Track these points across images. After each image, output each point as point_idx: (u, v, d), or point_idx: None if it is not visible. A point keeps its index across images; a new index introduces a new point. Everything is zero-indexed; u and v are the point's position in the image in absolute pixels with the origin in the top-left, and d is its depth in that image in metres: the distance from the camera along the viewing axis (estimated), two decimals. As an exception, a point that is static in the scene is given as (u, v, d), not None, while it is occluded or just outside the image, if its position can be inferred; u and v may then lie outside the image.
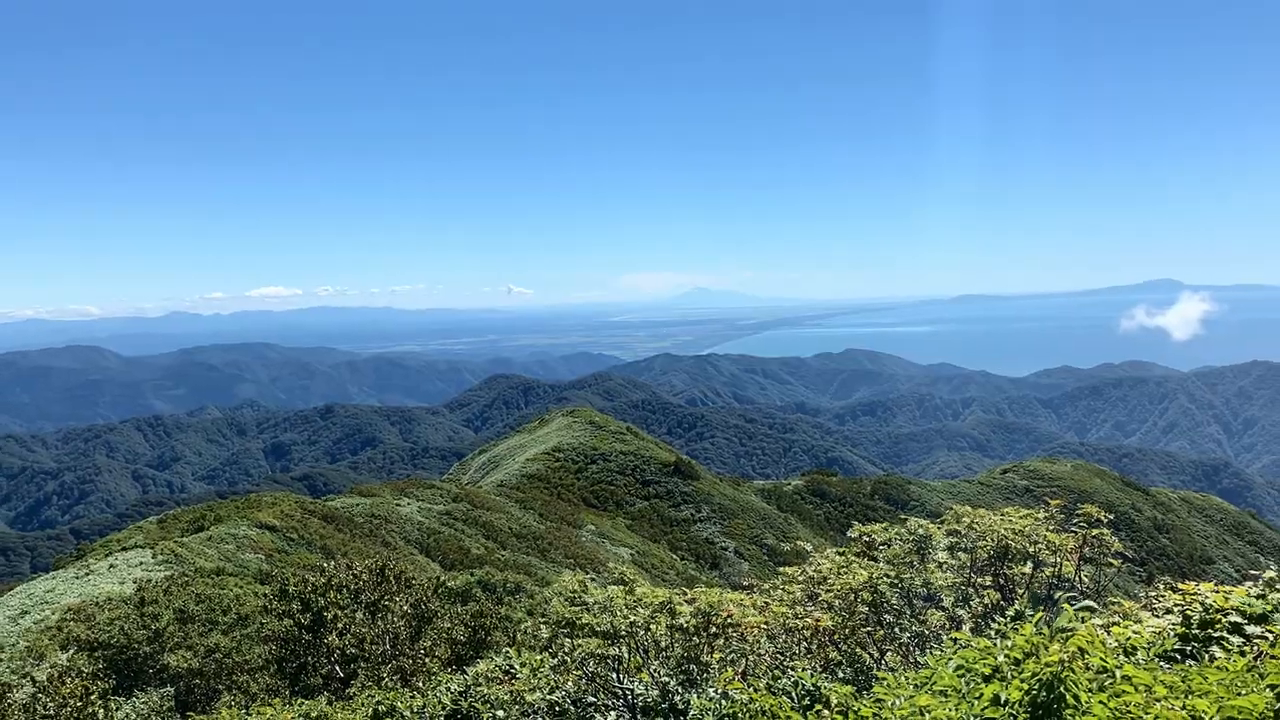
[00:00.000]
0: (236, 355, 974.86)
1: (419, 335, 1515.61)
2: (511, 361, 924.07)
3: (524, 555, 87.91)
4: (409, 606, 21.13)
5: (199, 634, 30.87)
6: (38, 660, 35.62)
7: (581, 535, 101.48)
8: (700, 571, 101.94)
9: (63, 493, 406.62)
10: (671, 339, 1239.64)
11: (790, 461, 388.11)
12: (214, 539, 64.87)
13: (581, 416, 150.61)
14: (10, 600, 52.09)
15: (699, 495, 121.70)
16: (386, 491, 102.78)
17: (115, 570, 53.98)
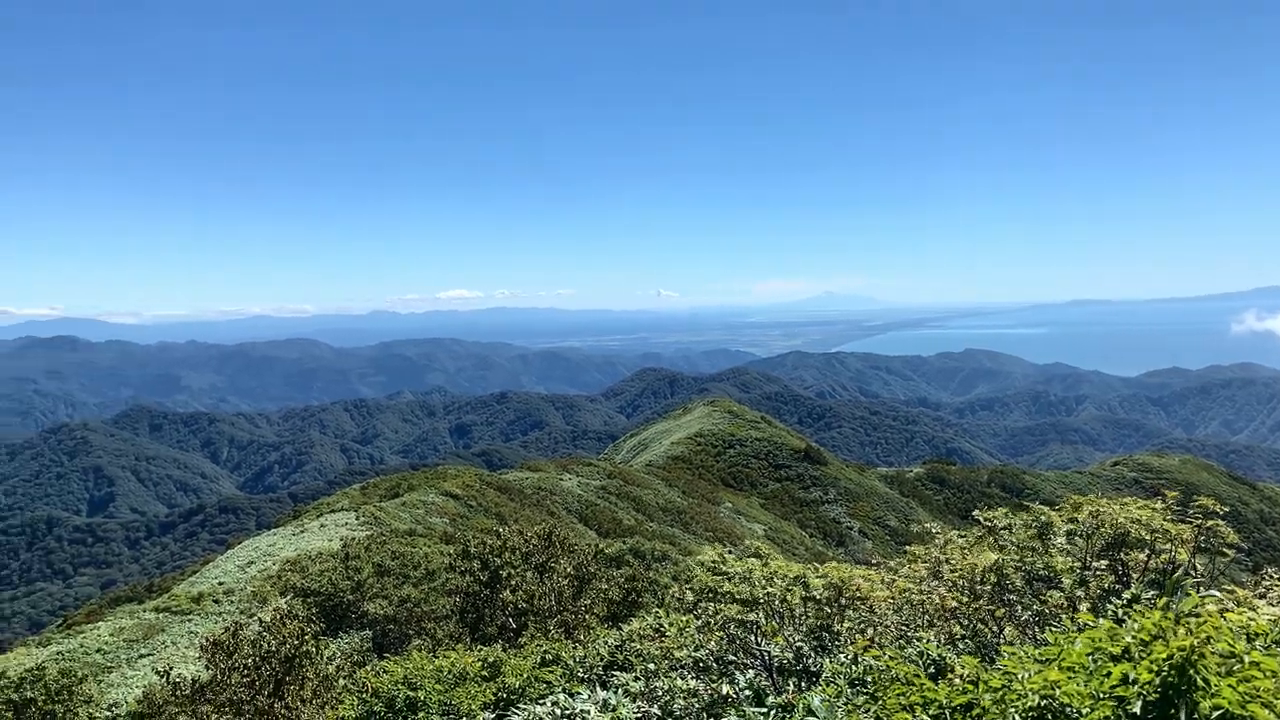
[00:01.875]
0: (427, 348, 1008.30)
1: (579, 333, 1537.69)
2: (660, 356, 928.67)
3: (669, 527, 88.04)
4: (571, 568, 21.31)
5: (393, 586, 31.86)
6: (261, 603, 37.47)
7: (720, 512, 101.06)
8: (827, 548, 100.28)
9: (283, 462, 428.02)
10: (802, 338, 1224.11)
11: (912, 451, 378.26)
12: (407, 504, 66.89)
13: (721, 406, 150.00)
14: (240, 552, 54.96)
15: (827, 479, 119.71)
16: (551, 468, 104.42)
17: (325, 529, 56.18)
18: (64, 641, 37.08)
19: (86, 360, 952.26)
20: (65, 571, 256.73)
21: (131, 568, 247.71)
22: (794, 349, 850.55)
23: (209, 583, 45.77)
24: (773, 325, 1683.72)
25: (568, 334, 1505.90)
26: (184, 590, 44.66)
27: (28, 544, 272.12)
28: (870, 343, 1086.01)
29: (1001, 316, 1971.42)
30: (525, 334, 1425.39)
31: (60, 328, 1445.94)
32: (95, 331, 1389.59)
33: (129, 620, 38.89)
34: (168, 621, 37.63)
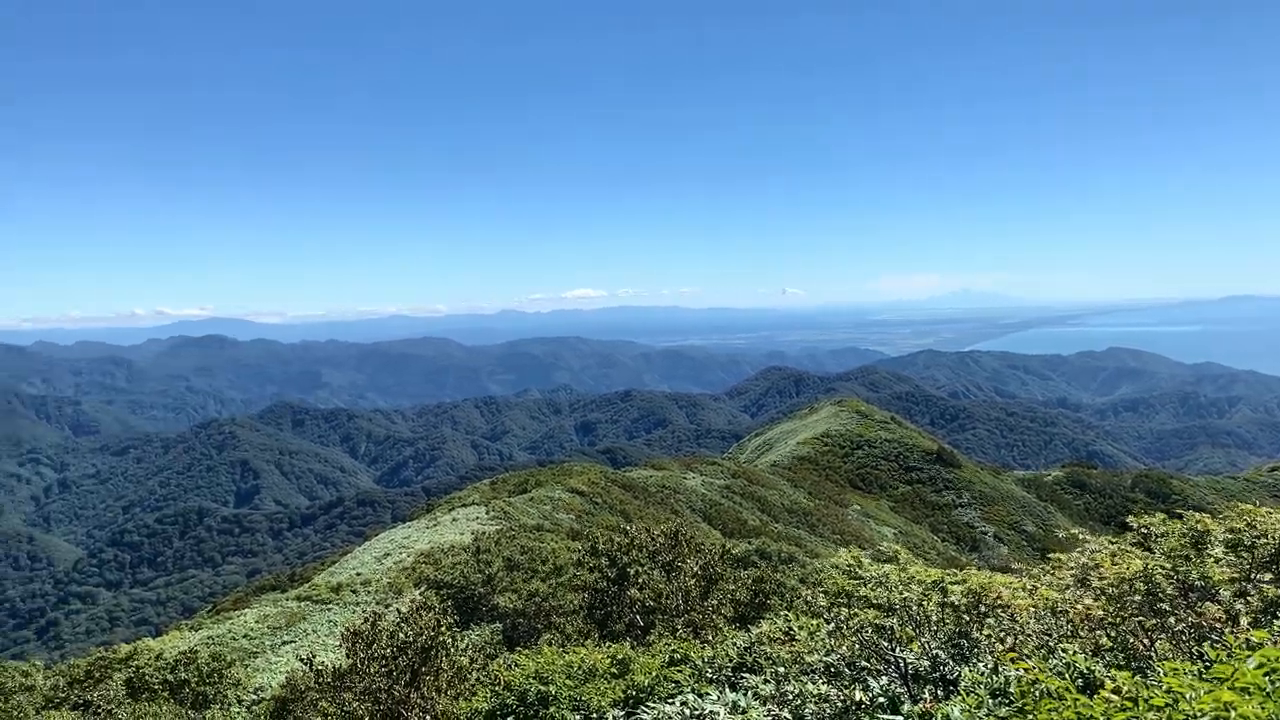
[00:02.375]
0: (554, 347, 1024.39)
1: (702, 331, 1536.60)
2: (784, 355, 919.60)
3: (794, 529, 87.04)
4: (698, 568, 21.23)
5: (522, 580, 32.41)
6: (396, 594, 38.68)
7: (847, 514, 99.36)
8: (960, 553, 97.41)
9: (417, 457, 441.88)
10: (933, 336, 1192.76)
11: (1050, 454, 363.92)
12: (534, 500, 67.98)
13: (848, 406, 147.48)
14: (376, 544, 56.87)
15: (960, 482, 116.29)
16: (675, 466, 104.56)
17: (457, 523, 57.58)
18: (214, 627, 39.07)
19: (234, 358, 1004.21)
20: (214, 560, 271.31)
21: (275, 557, 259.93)
22: (925, 348, 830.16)
23: (347, 573, 47.53)
24: (901, 323, 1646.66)
25: (690, 332, 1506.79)
26: (324, 580, 46.51)
27: (180, 533, 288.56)
28: (1006, 341, 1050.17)
29: (1147, 313, 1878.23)
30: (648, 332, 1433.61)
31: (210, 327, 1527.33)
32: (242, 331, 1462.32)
33: (273, 608, 40.72)
34: (309, 610, 39.24)
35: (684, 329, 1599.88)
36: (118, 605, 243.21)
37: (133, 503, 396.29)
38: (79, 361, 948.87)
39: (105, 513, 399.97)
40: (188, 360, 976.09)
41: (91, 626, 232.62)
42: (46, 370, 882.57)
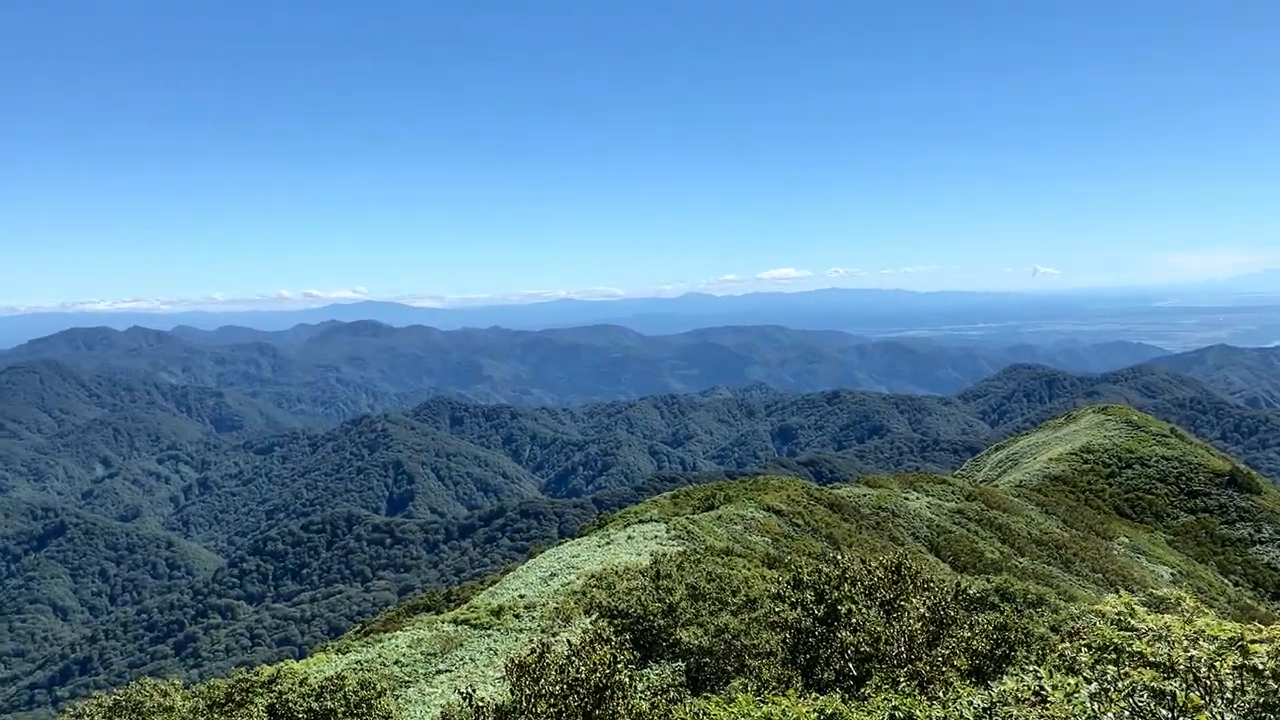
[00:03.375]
0: (747, 337, 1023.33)
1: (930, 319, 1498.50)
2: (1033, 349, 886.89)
3: (1044, 565, 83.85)
4: (925, 609, 20.73)
5: (709, 612, 32.50)
6: (564, 621, 39.61)
7: (1112, 548, 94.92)
8: (1259, 601, 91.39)
9: (587, 463, 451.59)
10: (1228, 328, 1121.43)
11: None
12: (723, 518, 68.16)
13: (1116, 414, 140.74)
14: (542, 562, 58.43)
15: (1260, 512, 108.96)
16: (894, 483, 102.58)
17: (632, 542, 58.41)
18: (362, 650, 41.14)
19: (388, 346, 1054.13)
20: (364, 574, 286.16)
21: (429, 573, 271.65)
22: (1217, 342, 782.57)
23: (509, 594, 49.04)
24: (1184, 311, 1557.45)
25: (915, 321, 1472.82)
26: (483, 602, 48.16)
27: (327, 543, 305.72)
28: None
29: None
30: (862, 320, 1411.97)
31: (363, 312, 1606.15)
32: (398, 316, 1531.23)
33: (427, 631, 42.48)
34: (466, 635, 40.73)
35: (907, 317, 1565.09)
36: (259, 621, 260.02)
37: (277, 507, 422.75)
38: (222, 349, 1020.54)
39: (247, 517, 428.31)
40: (338, 348, 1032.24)
41: (231, 644, 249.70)
42: (187, 358, 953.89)
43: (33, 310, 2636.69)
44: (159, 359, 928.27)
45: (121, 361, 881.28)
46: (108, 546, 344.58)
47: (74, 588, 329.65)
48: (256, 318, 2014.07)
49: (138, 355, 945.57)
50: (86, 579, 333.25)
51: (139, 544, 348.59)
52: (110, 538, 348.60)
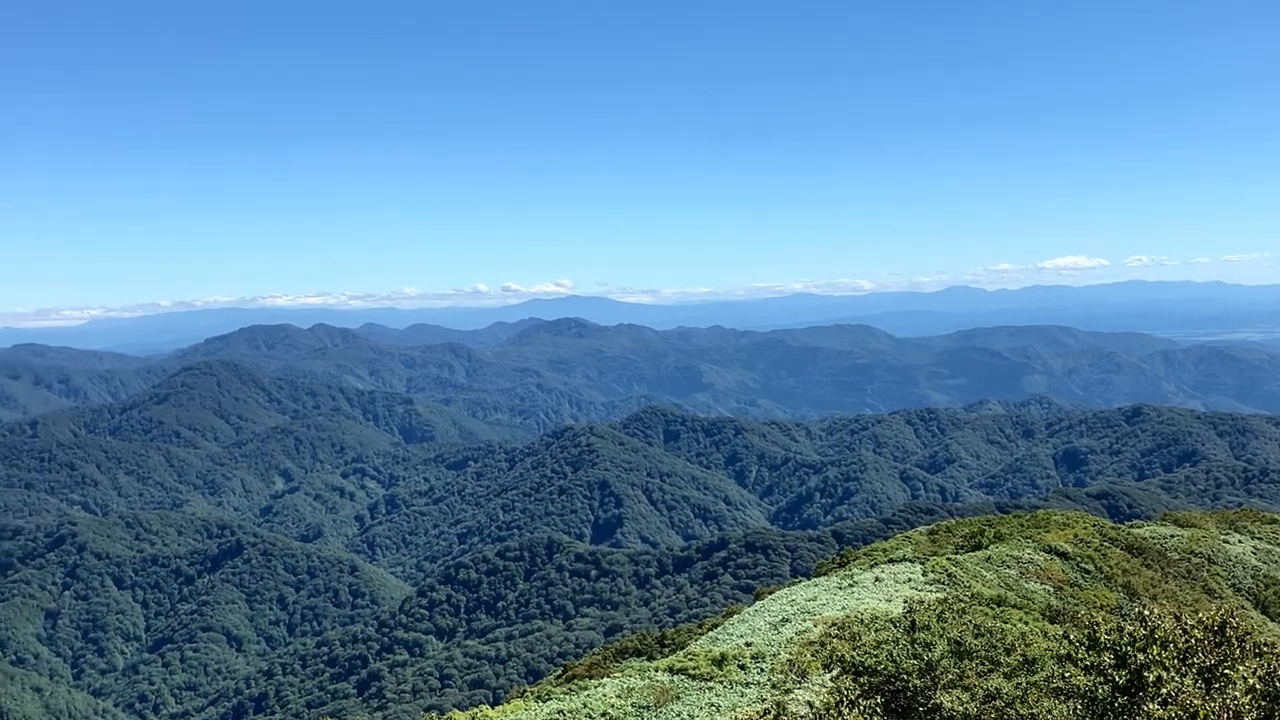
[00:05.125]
0: (1024, 340, 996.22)
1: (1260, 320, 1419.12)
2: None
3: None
4: (1256, 679, 19.45)
5: (977, 673, 31.48)
6: (799, 677, 39.16)
7: None
8: None
9: (825, 489, 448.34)
10: None
11: None
12: (993, 560, 66.30)
13: None
14: (771, 605, 58.07)
15: None
16: (1210, 522, 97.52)
17: (881, 584, 57.41)
18: (565, 699, 41.73)
19: (594, 348, 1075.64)
20: (565, 610, 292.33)
21: (639, 611, 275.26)
22: None
23: (733, 641, 48.91)
24: None
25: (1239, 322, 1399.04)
26: (703, 649, 48.18)
27: (525, 572, 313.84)
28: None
29: None
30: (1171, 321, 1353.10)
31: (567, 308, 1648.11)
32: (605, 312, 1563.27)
33: (638, 680, 42.76)
34: (684, 687, 40.79)
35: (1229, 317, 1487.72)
36: (450, 660, 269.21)
37: (470, 530, 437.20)
38: (413, 350, 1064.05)
39: (438, 540, 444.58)
40: (539, 350, 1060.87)
41: (419, 684, 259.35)
42: (375, 360, 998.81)
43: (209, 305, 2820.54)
44: (344, 361, 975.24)
45: (304, 363, 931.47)
46: (287, 570, 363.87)
47: (250, 615, 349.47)
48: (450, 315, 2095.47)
49: (322, 356, 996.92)
50: (263, 605, 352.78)
51: (320, 567, 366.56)
52: (290, 560, 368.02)
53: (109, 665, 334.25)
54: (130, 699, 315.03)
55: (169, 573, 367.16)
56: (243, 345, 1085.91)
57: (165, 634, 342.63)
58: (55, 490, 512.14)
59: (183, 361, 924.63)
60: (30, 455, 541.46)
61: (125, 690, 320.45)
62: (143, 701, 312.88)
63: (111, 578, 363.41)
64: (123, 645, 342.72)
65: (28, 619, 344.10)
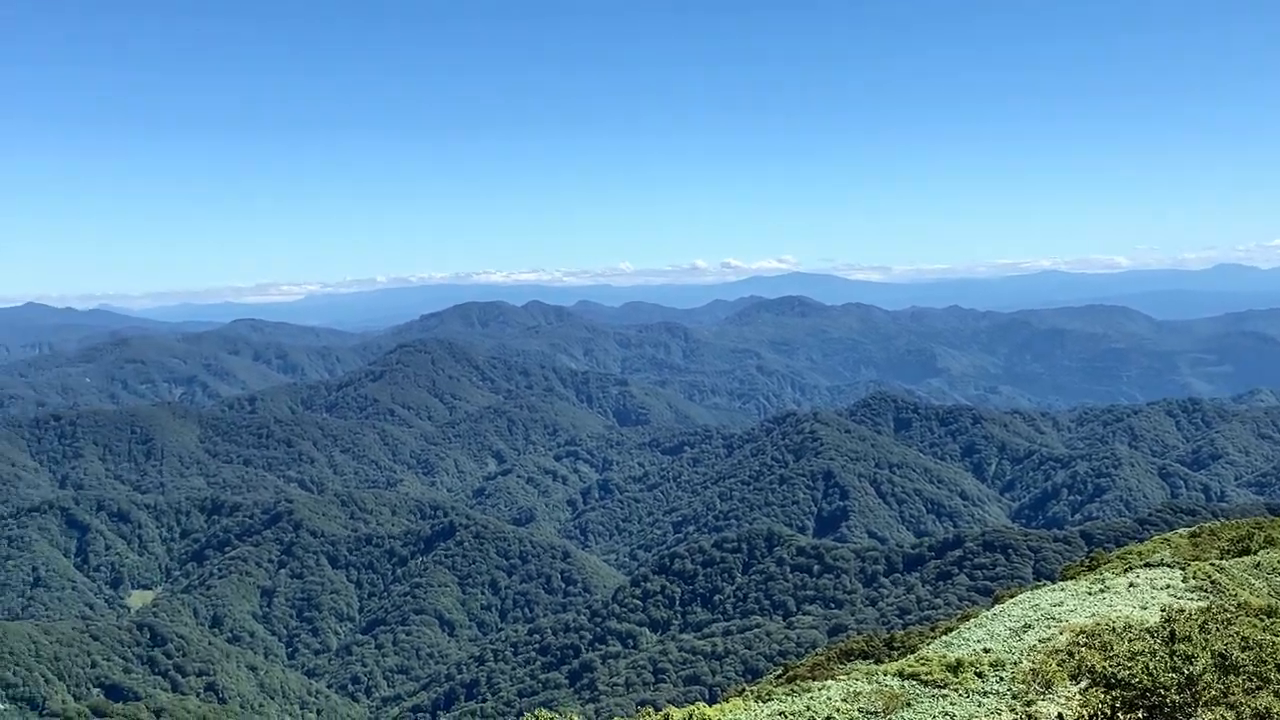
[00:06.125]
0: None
1: None
2: None
3: None
4: None
5: (1244, 690, 30.37)
6: (1044, 687, 38.35)
7: None
8: None
9: (1073, 486, 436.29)
10: None
11: None
12: (1262, 567, 63.66)
13: None
14: (1012, 609, 56.97)
15: None
16: None
17: (1135, 590, 55.72)
18: (786, 700, 41.74)
19: (818, 328, 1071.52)
20: (786, 606, 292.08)
21: (866, 611, 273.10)
22: None
23: (969, 647, 48.14)
24: None
25: None
26: (936, 653, 47.59)
27: (743, 565, 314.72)
28: None
29: None
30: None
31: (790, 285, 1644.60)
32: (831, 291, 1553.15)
33: (865, 684, 42.49)
34: (915, 693, 40.34)
35: None
36: (664, 654, 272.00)
37: (686, 518, 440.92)
38: (628, 330, 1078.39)
39: (652, 528, 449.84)
40: (760, 330, 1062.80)
41: (632, 677, 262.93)
42: (589, 339, 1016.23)
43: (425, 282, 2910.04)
44: (558, 339, 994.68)
45: (518, 341, 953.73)
46: (499, 553, 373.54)
47: (462, 598, 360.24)
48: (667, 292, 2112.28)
49: (535, 334, 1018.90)
50: (475, 589, 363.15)
51: (532, 552, 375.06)
52: (502, 544, 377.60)
53: (322, 645, 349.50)
54: (343, 680, 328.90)
55: (382, 553, 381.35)
56: (457, 322, 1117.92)
57: (378, 615, 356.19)
58: (272, 467, 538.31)
59: (398, 338, 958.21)
60: (248, 431, 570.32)
61: (338, 671, 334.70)
62: (355, 683, 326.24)
63: (326, 556, 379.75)
64: (336, 625, 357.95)
65: (244, 596, 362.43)
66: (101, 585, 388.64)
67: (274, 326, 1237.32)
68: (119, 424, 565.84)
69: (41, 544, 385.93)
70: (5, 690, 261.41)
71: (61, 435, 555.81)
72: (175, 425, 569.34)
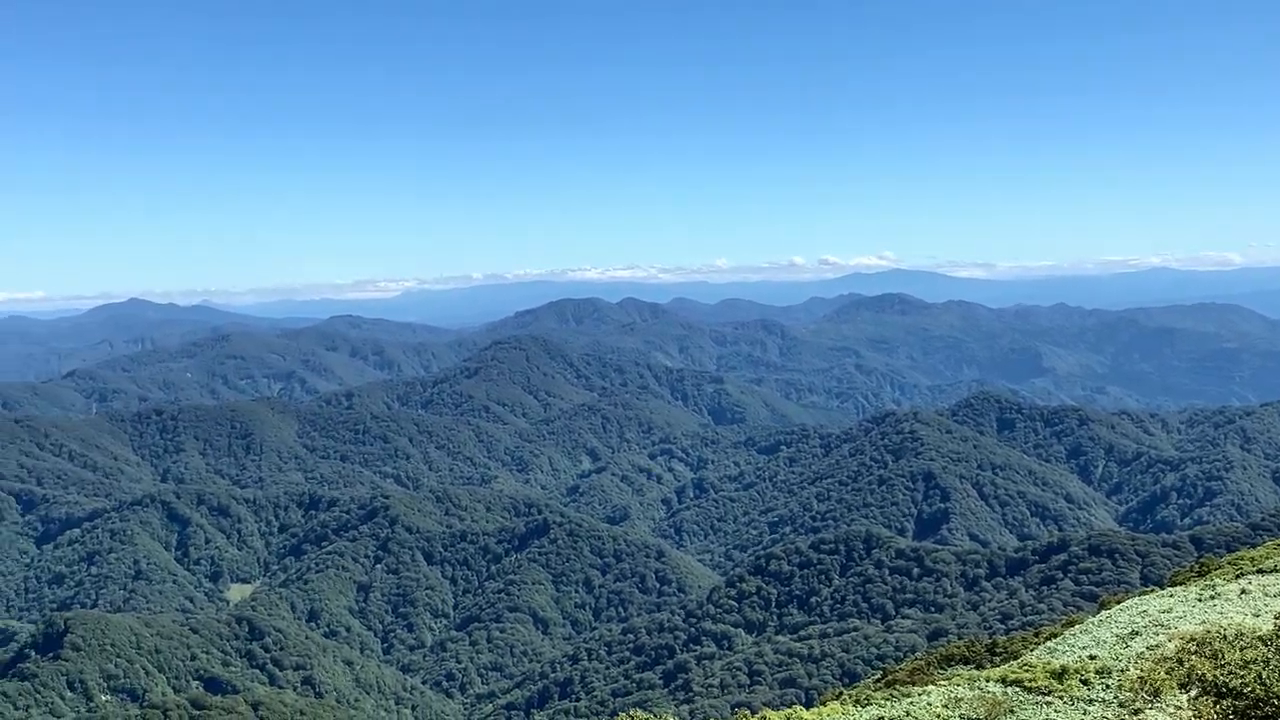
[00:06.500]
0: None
1: None
2: None
3: None
4: None
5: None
6: (1151, 696, 37.79)
7: None
8: None
9: (1182, 489, 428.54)
10: None
11: None
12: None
13: None
14: (1119, 615, 56.24)
15: None
16: None
17: (1247, 597, 54.81)
18: (885, 705, 41.64)
19: (918, 327, 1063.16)
20: (884, 609, 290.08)
21: (967, 616, 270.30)
22: None
23: (1074, 653, 47.67)
24: None
25: None
26: (1039, 659, 47.17)
27: (841, 567, 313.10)
28: None
29: None
30: None
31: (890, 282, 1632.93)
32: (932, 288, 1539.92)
33: (966, 689, 42.22)
34: (1018, 700, 40.01)
35: None
36: (759, 655, 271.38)
37: (782, 518, 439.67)
38: (723, 327, 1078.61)
39: (748, 528, 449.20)
40: (858, 328, 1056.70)
41: (727, 679, 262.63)
42: (684, 337, 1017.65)
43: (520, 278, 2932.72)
44: (653, 337, 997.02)
45: (612, 339, 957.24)
46: (593, 552, 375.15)
47: (556, 596, 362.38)
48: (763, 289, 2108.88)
49: (630, 332, 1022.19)
50: (569, 587, 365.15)
51: (626, 551, 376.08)
52: (596, 542, 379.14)
53: (417, 641, 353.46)
54: (437, 676, 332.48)
55: (477, 550, 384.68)
56: (551, 319, 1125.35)
57: (472, 612, 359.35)
58: (369, 462, 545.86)
59: (492, 335, 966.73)
60: (345, 427, 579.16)
61: (433, 667, 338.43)
62: (449, 680, 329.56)
63: (422, 552, 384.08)
64: (431, 621, 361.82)
65: (340, 591, 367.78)
66: (201, 579, 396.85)
67: (371, 323, 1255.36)
68: (219, 419, 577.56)
69: (143, 537, 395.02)
70: (107, 682, 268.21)
71: (163, 430, 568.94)
72: (274, 420, 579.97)
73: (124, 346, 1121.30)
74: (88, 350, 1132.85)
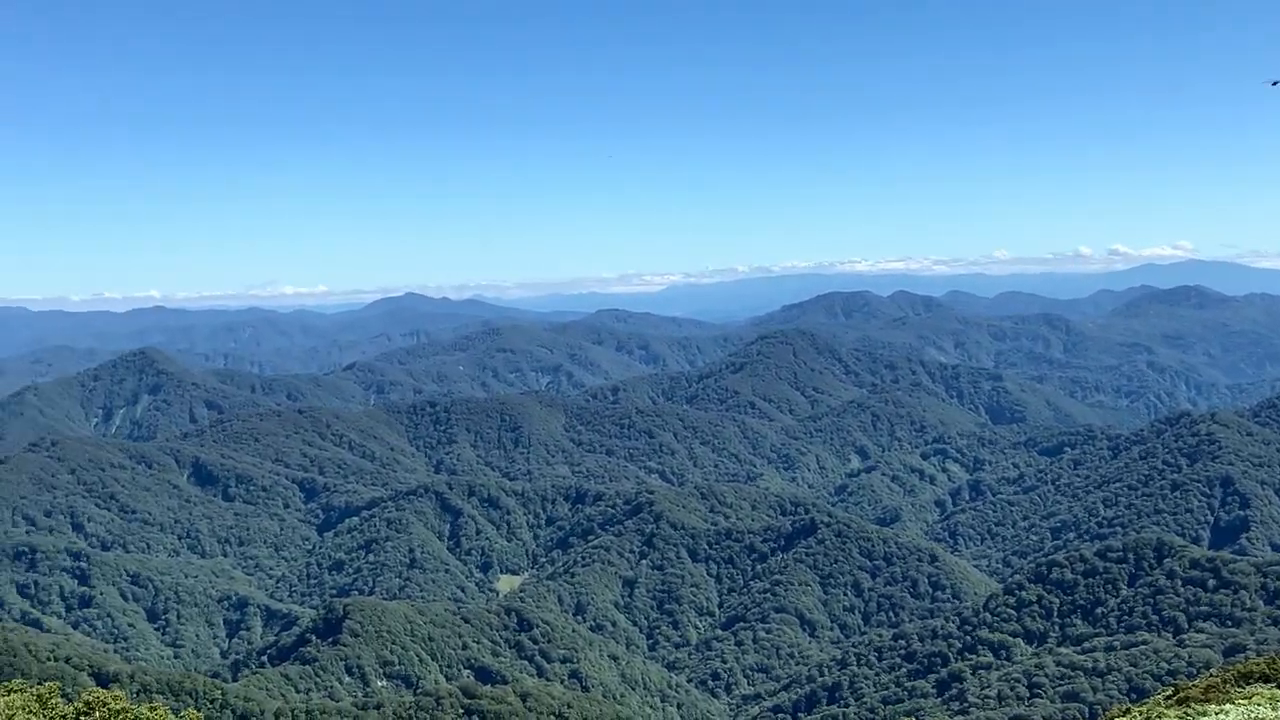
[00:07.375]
0: None
1: None
2: None
3: None
4: None
5: None
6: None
7: None
8: None
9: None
10: None
11: None
12: None
13: None
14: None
15: None
16: None
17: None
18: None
19: (1217, 321, 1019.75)
20: (1175, 622, 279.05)
21: (1267, 631, 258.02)
22: None
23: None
24: None
25: None
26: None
27: (1129, 576, 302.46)
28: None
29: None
30: None
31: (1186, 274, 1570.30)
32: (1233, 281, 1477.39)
33: (1268, 709, 40.76)
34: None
35: None
36: (1039, 667, 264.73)
37: (1065, 524, 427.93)
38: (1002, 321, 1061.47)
39: (1027, 533, 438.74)
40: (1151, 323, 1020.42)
41: (1005, 690, 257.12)
42: (960, 331, 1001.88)
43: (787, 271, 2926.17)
44: (926, 331, 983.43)
45: (883, 333, 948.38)
46: (861, 553, 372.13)
47: (823, 598, 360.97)
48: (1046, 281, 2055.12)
49: (902, 326, 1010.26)
50: (837, 590, 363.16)
51: (897, 554, 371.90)
52: (865, 543, 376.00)
53: (682, 639, 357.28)
54: (702, 675, 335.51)
55: (742, 548, 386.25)
56: (819, 313, 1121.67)
57: (737, 611, 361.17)
58: (634, 457, 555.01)
59: (758, 329, 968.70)
60: (611, 421, 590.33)
61: (697, 666, 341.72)
62: (714, 679, 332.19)
63: (686, 549, 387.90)
64: (695, 619, 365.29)
65: (606, 586, 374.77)
66: (472, 569, 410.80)
67: (637, 317, 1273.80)
68: (489, 411, 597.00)
69: (418, 526, 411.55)
70: (383, 668, 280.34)
71: (436, 421, 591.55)
72: (542, 414, 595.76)
73: (400, 339, 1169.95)
74: (367, 343, 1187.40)
